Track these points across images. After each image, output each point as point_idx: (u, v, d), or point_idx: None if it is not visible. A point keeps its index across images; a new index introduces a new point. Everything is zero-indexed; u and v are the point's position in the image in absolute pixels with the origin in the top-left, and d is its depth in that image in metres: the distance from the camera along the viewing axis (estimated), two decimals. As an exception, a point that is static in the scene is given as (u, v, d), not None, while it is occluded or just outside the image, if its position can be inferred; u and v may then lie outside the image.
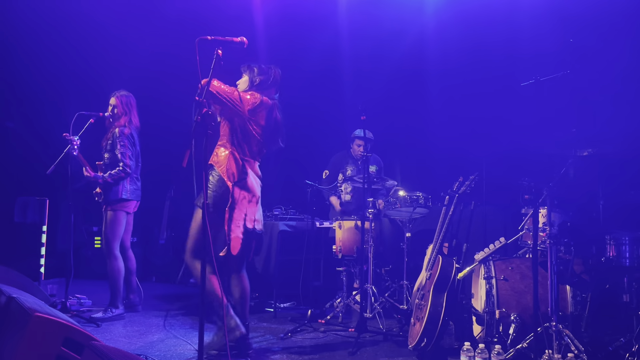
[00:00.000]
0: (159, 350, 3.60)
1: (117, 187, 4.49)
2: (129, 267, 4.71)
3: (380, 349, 3.77)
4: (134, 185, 4.60)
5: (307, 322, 4.38)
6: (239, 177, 3.37)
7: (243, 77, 3.59)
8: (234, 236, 3.31)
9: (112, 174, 4.45)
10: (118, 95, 4.63)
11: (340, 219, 4.80)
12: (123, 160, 4.46)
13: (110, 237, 4.51)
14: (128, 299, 4.74)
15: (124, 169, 4.46)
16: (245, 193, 3.41)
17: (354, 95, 6.08)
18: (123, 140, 4.49)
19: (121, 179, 4.48)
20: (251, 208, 3.44)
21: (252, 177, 3.47)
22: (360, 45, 6.16)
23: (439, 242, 3.68)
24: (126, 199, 4.53)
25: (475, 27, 5.57)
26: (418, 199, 4.60)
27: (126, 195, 4.53)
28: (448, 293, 3.40)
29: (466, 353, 3.10)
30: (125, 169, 4.46)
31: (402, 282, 4.74)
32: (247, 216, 3.41)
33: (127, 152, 4.50)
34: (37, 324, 2.13)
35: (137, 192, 4.64)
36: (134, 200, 4.62)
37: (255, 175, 3.53)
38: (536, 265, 3.19)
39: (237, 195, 3.36)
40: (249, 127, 3.41)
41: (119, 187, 4.49)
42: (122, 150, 4.47)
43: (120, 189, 4.50)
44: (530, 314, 3.35)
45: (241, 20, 5.87)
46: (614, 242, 3.56)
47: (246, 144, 3.45)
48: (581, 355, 3.09)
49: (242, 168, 3.40)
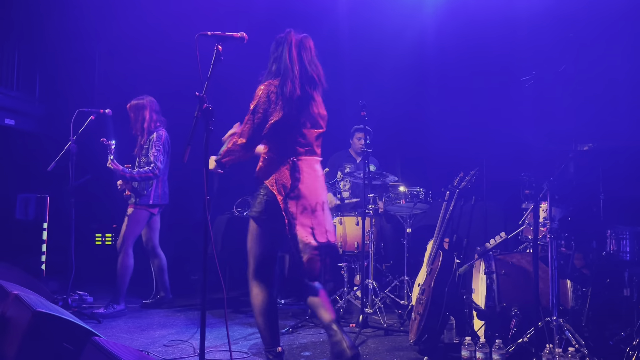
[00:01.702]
0: (161, 346, 3.62)
1: (148, 194, 4.61)
2: (162, 265, 4.86)
3: (382, 344, 3.78)
4: (163, 190, 4.72)
5: (308, 317, 4.39)
6: (291, 185, 2.77)
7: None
8: (307, 258, 2.76)
9: (141, 171, 4.51)
10: (129, 105, 4.72)
11: (341, 214, 4.81)
12: (155, 162, 4.54)
13: (128, 234, 4.57)
14: (158, 296, 4.86)
15: (154, 170, 4.53)
16: (304, 202, 2.80)
17: (354, 92, 6.07)
18: (159, 145, 4.60)
19: (148, 179, 4.56)
20: (317, 218, 2.84)
21: (309, 179, 2.84)
22: (360, 42, 6.14)
23: (439, 238, 3.68)
24: (154, 204, 4.66)
25: (475, 23, 5.56)
26: (418, 194, 4.60)
27: (157, 200, 4.66)
28: (449, 288, 3.41)
29: (467, 348, 3.10)
30: (154, 171, 4.53)
31: (403, 278, 4.75)
32: (315, 229, 2.81)
33: (160, 156, 4.58)
34: (39, 320, 2.14)
35: (165, 196, 4.75)
36: (163, 204, 4.74)
37: (316, 175, 2.90)
38: (537, 259, 3.19)
39: (294, 209, 2.77)
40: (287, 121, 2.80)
41: (150, 193, 4.61)
42: (155, 154, 4.56)
43: (152, 195, 4.62)
44: (531, 309, 3.36)
45: (240, 16, 5.87)
46: (614, 236, 3.55)
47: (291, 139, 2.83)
48: (582, 349, 3.10)
49: (294, 172, 2.79)
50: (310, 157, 2.89)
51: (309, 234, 2.77)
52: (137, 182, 4.60)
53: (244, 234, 2.92)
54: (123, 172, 4.47)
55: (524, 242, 3.99)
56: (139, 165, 4.64)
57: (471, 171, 3.79)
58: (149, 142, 4.62)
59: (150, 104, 4.70)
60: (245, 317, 4.58)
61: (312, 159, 2.90)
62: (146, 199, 4.61)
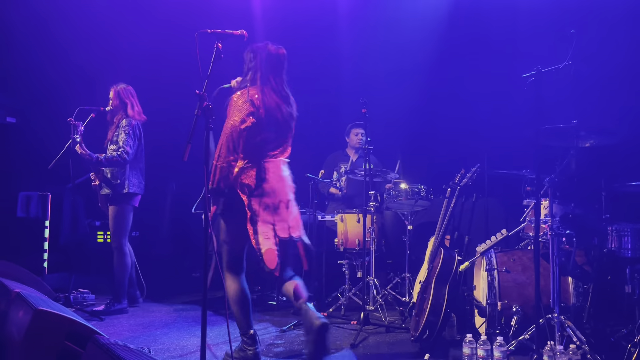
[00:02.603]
0: (163, 344, 3.62)
1: (122, 182, 4.47)
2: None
3: (383, 341, 3.78)
4: (138, 179, 4.60)
5: (309, 315, 4.39)
6: (256, 185, 2.99)
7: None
8: (266, 250, 2.95)
9: (108, 156, 4.41)
10: (116, 88, 4.62)
11: (342, 212, 4.81)
12: (124, 146, 4.43)
13: (119, 232, 4.51)
14: (129, 293, 4.74)
15: (122, 154, 4.41)
16: (268, 201, 3.01)
17: (353, 87, 6.06)
18: (128, 130, 4.49)
19: (117, 163, 4.44)
20: (280, 215, 3.04)
21: (274, 180, 3.05)
22: (359, 36, 6.12)
23: (440, 235, 3.68)
24: (133, 192, 4.53)
25: (476, 18, 5.55)
26: (420, 191, 4.60)
27: (133, 189, 4.52)
28: (450, 285, 3.41)
29: (468, 345, 3.10)
30: (122, 155, 4.41)
31: (404, 275, 4.75)
32: (277, 225, 3.02)
33: (129, 140, 4.48)
34: (41, 318, 2.14)
35: (142, 185, 4.64)
36: (140, 194, 4.63)
37: (280, 176, 3.10)
38: (538, 256, 3.19)
39: (257, 206, 2.98)
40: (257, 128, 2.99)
41: (125, 181, 4.48)
42: (125, 138, 4.45)
43: (127, 183, 4.48)
44: (532, 306, 3.36)
45: (240, 12, 5.86)
46: (616, 233, 3.55)
47: (260, 145, 3.03)
48: (583, 346, 3.10)
49: (260, 173, 3.01)
50: (277, 160, 3.12)
51: (270, 230, 2.99)
52: (108, 170, 4.48)
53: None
54: (90, 156, 4.35)
55: (525, 239, 3.99)
56: (105, 153, 4.51)
57: (472, 168, 3.78)
58: (119, 128, 4.52)
59: (134, 93, 4.66)
60: (247, 315, 4.58)
61: (279, 161, 3.13)
62: (120, 187, 4.46)
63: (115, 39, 6.28)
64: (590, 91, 4.54)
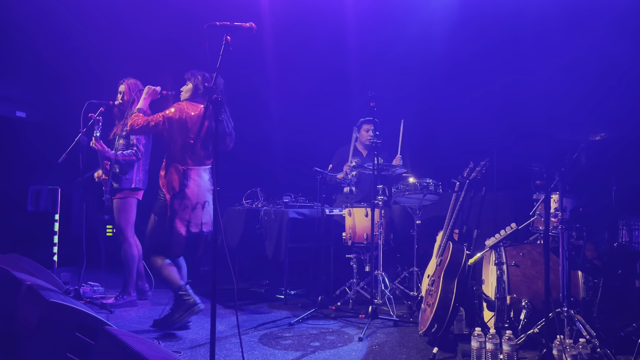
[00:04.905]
0: (171, 336, 3.65)
1: (130, 177, 4.52)
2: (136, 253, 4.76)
3: (391, 334, 3.78)
4: (144, 174, 4.64)
5: (317, 308, 4.41)
6: (179, 189, 3.70)
7: (187, 84, 3.81)
8: (175, 242, 3.75)
9: (125, 153, 4.47)
10: (126, 82, 4.64)
11: (350, 206, 4.81)
12: (137, 145, 4.50)
13: (124, 224, 4.55)
14: (137, 286, 4.78)
15: (136, 153, 4.49)
16: (187, 202, 3.72)
17: (361, 82, 6.04)
18: None
19: (132, 162, 4.50)
20: (195, 214, 3.76)
21: (195, 184, 3.75)
22: (367, 32, 6.09)
23: (449, 229, 3.67)
24: (137, 187, 4.57)
25: (484, 11, 5.49)
26: (428, 185, 4.58)
27: (138, 184, 4.57)
28: (458, 279, 3.40)
29: (477, 338, 3.09)
30: (137, 154, 4.49)
31: (413, 269, 4.75)
32: (191, 222, 3.75)
33: (142, 138, 4.53)
34: (52, 310, 2.16)
35: (146, 182, 4.68)
36: (143, 190, 4.66)
37: (201, 181, 3.79)
38: (547, 250, 3.17)
39: (177, 206, 3.71)
40: (185, 138, 3.69)
41: (132, 176, 4.53)
42: (138, 136, 4.48)
43: (134, 178, 4.54)
44: (542, 300, 3.34)
45: (248, 8, 5.84)
46: (626, 227, 3.53)
47: (187, 153, 3.72)
48: (593, 340, 3.08)
49: (182, 179, 3.71)
50: (199, 167, 3.80)
51: (183, 226, 3.73)
52: (117, 166, 4.51)
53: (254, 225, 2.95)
54: (108, 153, 4.41)
55: (535, 233, 3.97)
56: (119, 148, 4.52)
57: (481, 162, 3.76)
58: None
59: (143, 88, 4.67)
60: (255, 308, 4.61)
61: (201, 168, 3.81)
62: (127, 182, 4.51)
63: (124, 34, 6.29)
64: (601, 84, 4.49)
